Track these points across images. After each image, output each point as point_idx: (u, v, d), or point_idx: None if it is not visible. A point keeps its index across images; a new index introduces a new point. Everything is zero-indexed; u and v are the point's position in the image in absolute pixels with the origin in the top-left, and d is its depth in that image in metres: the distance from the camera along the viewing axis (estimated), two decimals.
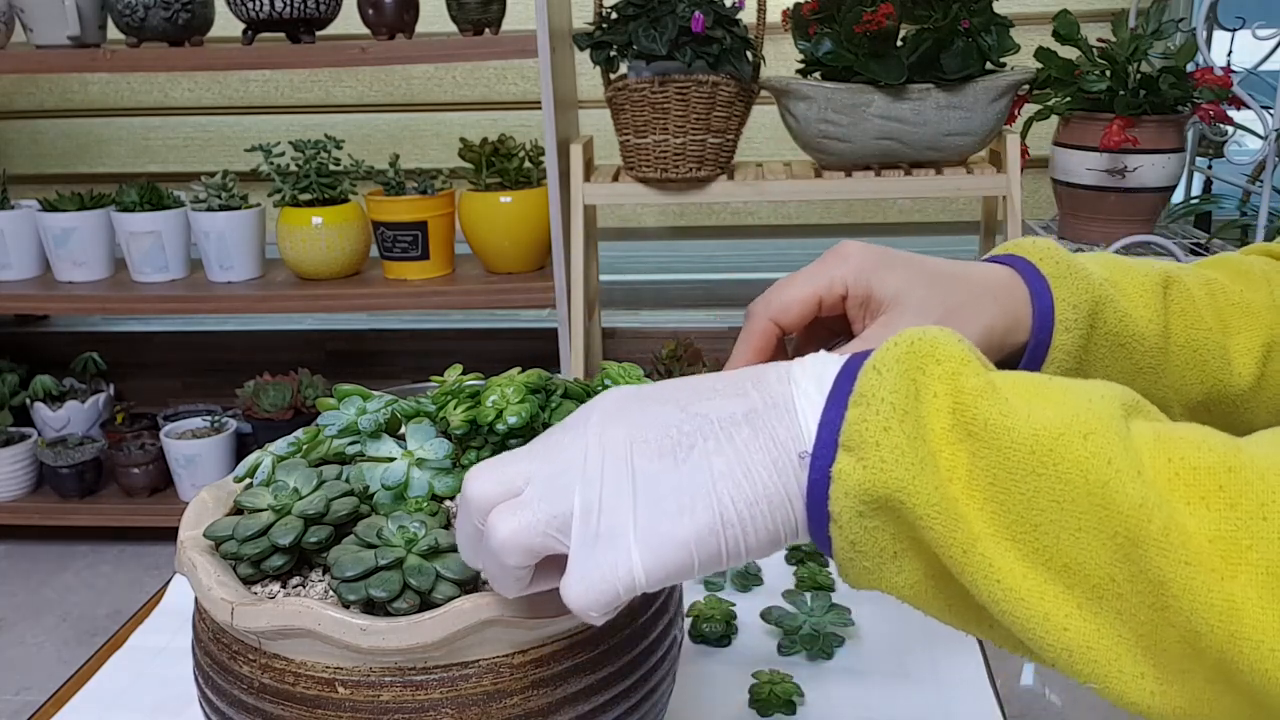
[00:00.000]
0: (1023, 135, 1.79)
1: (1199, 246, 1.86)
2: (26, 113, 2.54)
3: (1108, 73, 1.77)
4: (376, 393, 0.58)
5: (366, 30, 1.90)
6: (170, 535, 0.54)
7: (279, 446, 0.56)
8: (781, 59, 2.19)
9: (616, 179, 1.82)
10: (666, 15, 1.60)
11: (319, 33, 1.93)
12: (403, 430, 0.55)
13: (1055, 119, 1.85)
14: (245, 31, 1.90)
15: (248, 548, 0.48)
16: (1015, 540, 0.35)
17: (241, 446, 2.22)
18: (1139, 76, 1.75)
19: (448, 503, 0.53)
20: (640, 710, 0.50)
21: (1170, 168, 1.76)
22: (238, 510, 0.52)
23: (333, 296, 1.98)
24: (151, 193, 2.04)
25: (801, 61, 1.75)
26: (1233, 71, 1.77)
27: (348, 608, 0.44)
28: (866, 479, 0.36)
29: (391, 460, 0.53)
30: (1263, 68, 1.92)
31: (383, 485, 0.51)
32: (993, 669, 0.70)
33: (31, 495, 2.25)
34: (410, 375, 2.45)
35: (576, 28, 1.83)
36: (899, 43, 1.69)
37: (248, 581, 0.48)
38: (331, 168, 1.98)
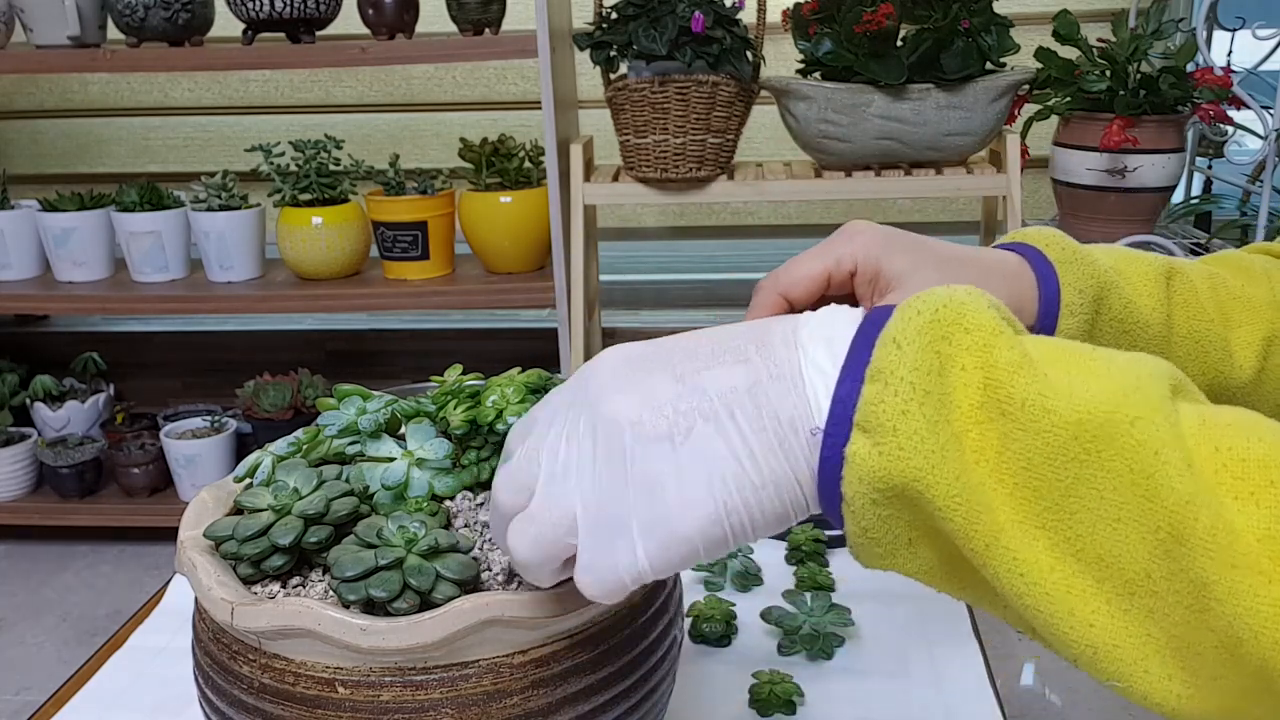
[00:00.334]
0: (1023, 135, 1.79)
1: (1199, 246, 1.86)
2: (26, 113, 2.54)
3: (1108, 73, 1.77)
4: (376, 393, 0.58)
5: (366, 30, 1.90)
6: (170, 535, 0.54)
7: (279, 446, 0.56)
8: (781, 59, 2.19)
9: (616, 179, 1.82)
10: (666, 15, 1.60)
11: (319, 33, 1.93)
12: (403, 430, 0.55)
13: (1055, 119, 1.85)
14: (245, 31, 1.90)
15: (248, 548, 0.48)
16: (1045, 528, 0.33)
17: (241, 446, 2.22)
18: (1139, 76, 1.75)
19: (448, 503, 0.53)
20: (640, 710, 0.50)
21: (1170, 168, 1.76)
22: (238, 510, 0.52)
23: (333, 296, 1.98)
24: (151, 193, 2.04)
25: (801, 61, 1.75)
26: (1233, 71, 1.77)
27: (348, 608, 0.44)
28: (882, 466, 0.34)
29: (391, 460, 0.53)
30: (1263, 68, 1.92)
31: (383, 485, 0.51)
32: (993, 669, 0.70)
33: (31, 495, 2.25)
34: (410, 375, 2.45)
35: (576, 28, 1.83)
36: (899, 43, 1.69)
37: (248, 581, 0.48)
38: (331, 168, 1.98)
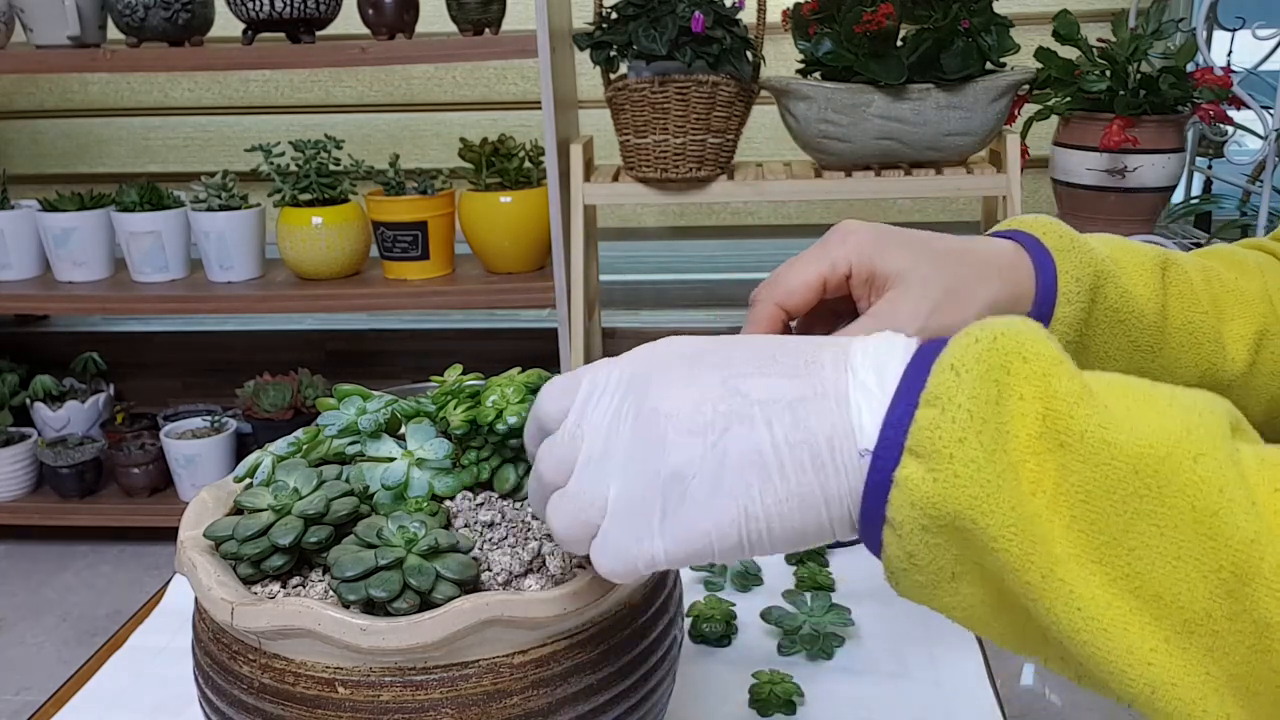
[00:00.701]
0: (1023, 135, 1.79)
1: (1199, 247, 1.86)
2: (26, 113, 2.54)
3: (1108, 73, 1.77)
4: (376, 393, 0.58)
5: (366, 30, 1.90)
6: (170, 535, 0.54)
7: (279, 446, 0.56)
8: (781, 59, 2.19)
9: (616, 179, 1.82)
10: (666, 15, 1.60)
11: (319, 33, 1.93)
12: (403, 430, 0.55)
13: (1055, 119, 1.85)
14: (245, 31, 1.90)
15: (248, 548, 0.48)
16: (1103, 564, 0.32)
17: (241, 446, 2.22)
18: (1139, 76, 1.75)
19: (448, 503, 0.53)
20: (640, 710, 0.50)
21: (1170, 168, 1.76)
22: (238, 510, 0.52)
23: (333, 296, 1.98)
24: (151, 193, 2.04)
25: (801, 61, 1.75)
26: (1233, 71, 1.78)
27: (348, 608, 0.44)
28: (936, 493, 0.33)
29: (391, 460, 0.53)
30: (1263, 68, 1.92)
31: (383, 485, 0.51)
32: (993, 669, 0.70)
33: (31, 495, 2.25)
34: (410, 375, 2.45)
35: (576, 28, 1.83)
36: (899, 43, 1.69)
37: (248, 581, 0.48)
38: (331, 168, 1.98)
